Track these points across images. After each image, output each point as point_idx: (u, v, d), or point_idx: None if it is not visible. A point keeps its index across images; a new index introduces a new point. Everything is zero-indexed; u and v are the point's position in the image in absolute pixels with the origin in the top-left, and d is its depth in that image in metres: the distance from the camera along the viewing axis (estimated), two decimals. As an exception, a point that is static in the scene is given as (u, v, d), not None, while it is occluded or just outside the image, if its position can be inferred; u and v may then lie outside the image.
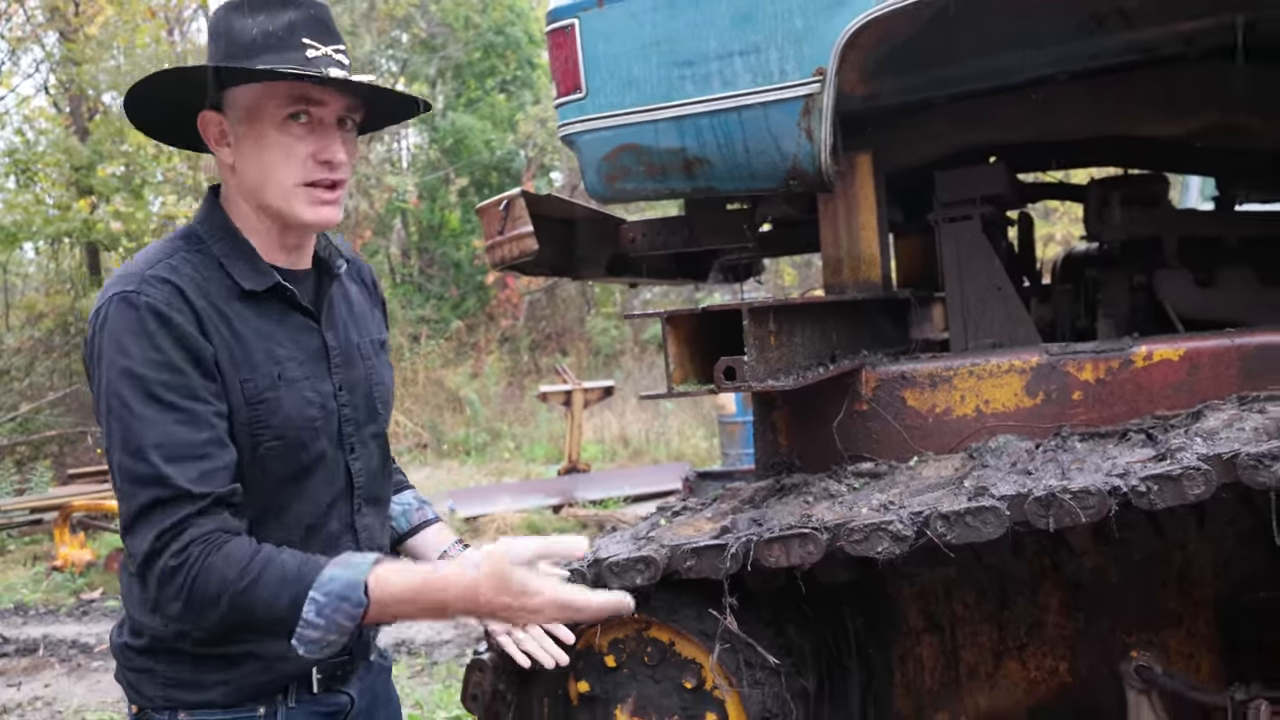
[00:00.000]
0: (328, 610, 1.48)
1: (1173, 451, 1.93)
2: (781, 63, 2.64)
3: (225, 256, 1.67)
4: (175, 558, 1.50)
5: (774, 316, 2.28)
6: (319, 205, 1.67)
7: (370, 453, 1.83)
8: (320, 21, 1.67)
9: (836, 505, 2.18)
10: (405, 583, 1.51)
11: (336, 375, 1.76)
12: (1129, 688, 2.19)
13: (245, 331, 1.64)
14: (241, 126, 1.65)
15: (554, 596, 1.53)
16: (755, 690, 2.24)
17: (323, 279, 1.81)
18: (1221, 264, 3.11)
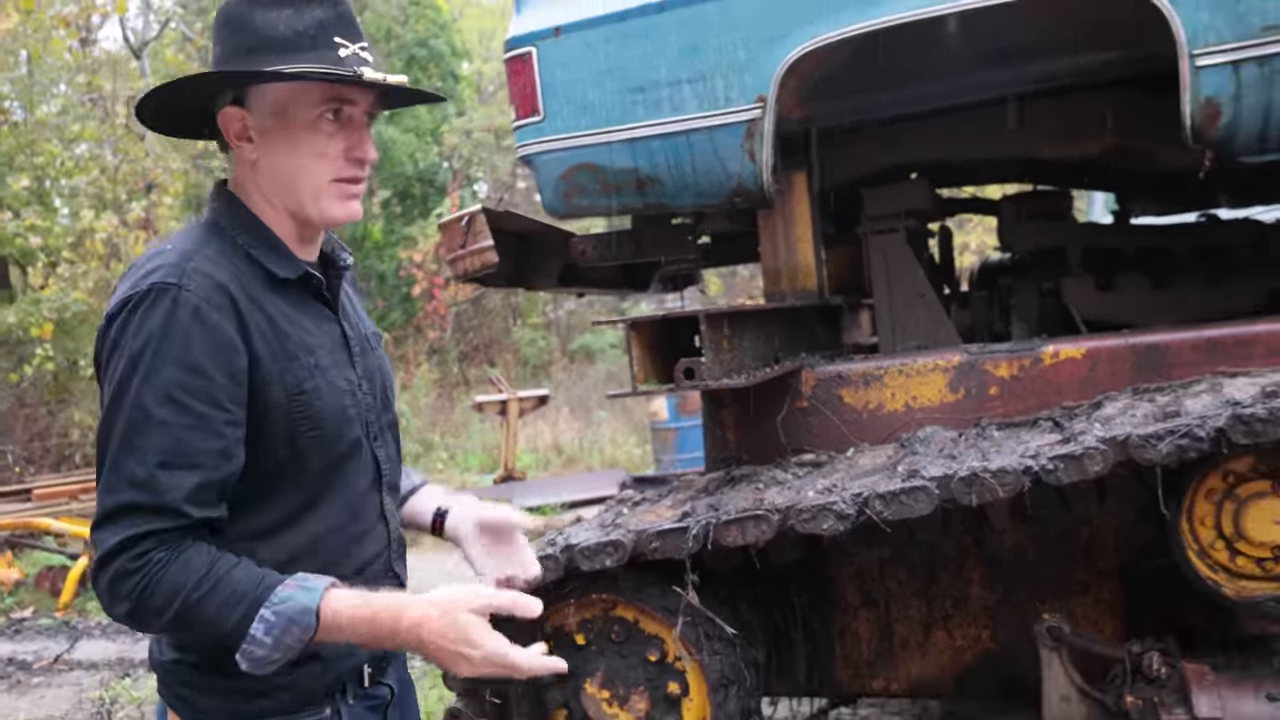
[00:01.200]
0: (276, 630, 1.46)
1: (1076, 435, 2.22)
2: (726, 90, 2.90)
3: (252, 247, 1.63)
4: (133, 561, 1.46)
5: (727, 322, 2.52)
6: (348, 201, 1.66)
7: (388, 441, 1.79)
8: (348, 19, 1.64)
9: (785, 490, 2.44)
10: (355, 612, 1.50)
11: (357, 365, 1.73)
12: (1041, 646, 2.47)
13: (281, 321, 1.60)
14: (270, 122, 1.61)
15: (493, 650, 1.50)
16: (714, 660, 2.48)
17: (329, 272, 1.76)
18: (1120, 271, 3.44)
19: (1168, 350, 2.66)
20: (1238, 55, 2.51)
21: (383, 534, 1.74)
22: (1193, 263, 3.40)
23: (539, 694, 2.69)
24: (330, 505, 1.65)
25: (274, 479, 1.59)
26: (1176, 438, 2.06)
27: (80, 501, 9.20)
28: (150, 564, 1.44)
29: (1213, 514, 2.27)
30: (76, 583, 7.85)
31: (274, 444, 1.57)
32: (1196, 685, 2.23)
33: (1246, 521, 2.22)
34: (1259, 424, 2.02)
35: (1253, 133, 2.58)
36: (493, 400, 9.09)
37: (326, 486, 1.65)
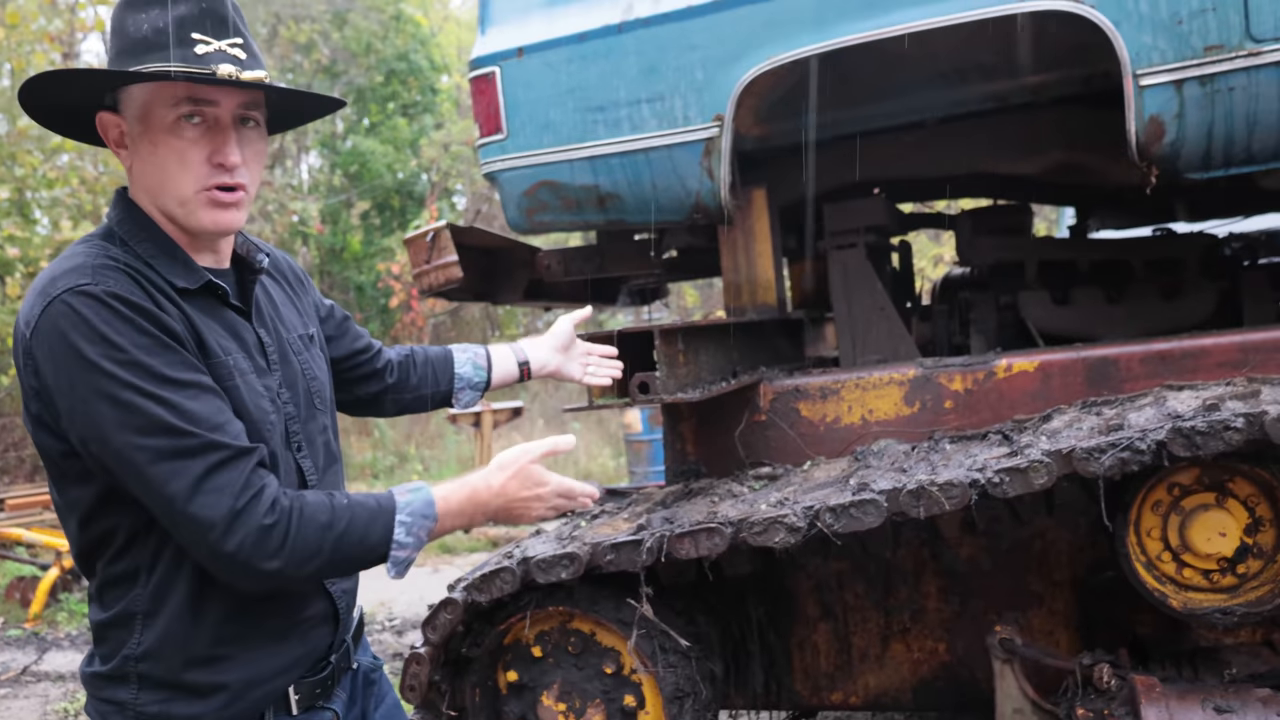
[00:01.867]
0: (415, 529, 1.62)
1: (1022, 448, 2.25)
2: (685, 109, 2.94)
3: (152, 256, 1.57)
4: (268, 515, 1.47)
5: (681, 337, 2.55)
6: (217, 209, 1.58)
7: (317, 449, 1.75)
8: (213, 14, 1.56)
9: (739, 503, 2.46)
10: (458, 495, 1.69)
11: (275, 372, 1.68)
12: (994, 658, 2.50)
13: (196, 323, 1.56)
14: (137, 128, 1.56)
15: (558, 483, 1.80)
16: (669, 672, 2.50)
17: (245, 276, 1.72)
18: (1075, 285, 3.49)
19: (1118, 363, 2.71)
20: (1180, 75, 2.56)
21: None
22: (1147, 276, 3.45)
23: (496, 707, 2.71)
24: None
25: None
26: (1118, 451, 2.09)
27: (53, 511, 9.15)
28: (284, 514, 1.49)
29: (1159, 526, 2.30)
30: (47, 593, 7.80)
31: None
32: (1145, 698, 2.26)
33: (1191, 533, 2.26)
34: (1198, 437, 2.06)
35: (1196, 150, 2.63)
36: (466, 412, 9.09)
37: None
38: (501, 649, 2.69)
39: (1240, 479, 2.25)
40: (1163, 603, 2.28)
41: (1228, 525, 2.23)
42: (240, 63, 1.55)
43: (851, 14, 2.75)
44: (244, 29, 1.61)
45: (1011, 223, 3.80)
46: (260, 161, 1.67)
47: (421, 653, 2.64)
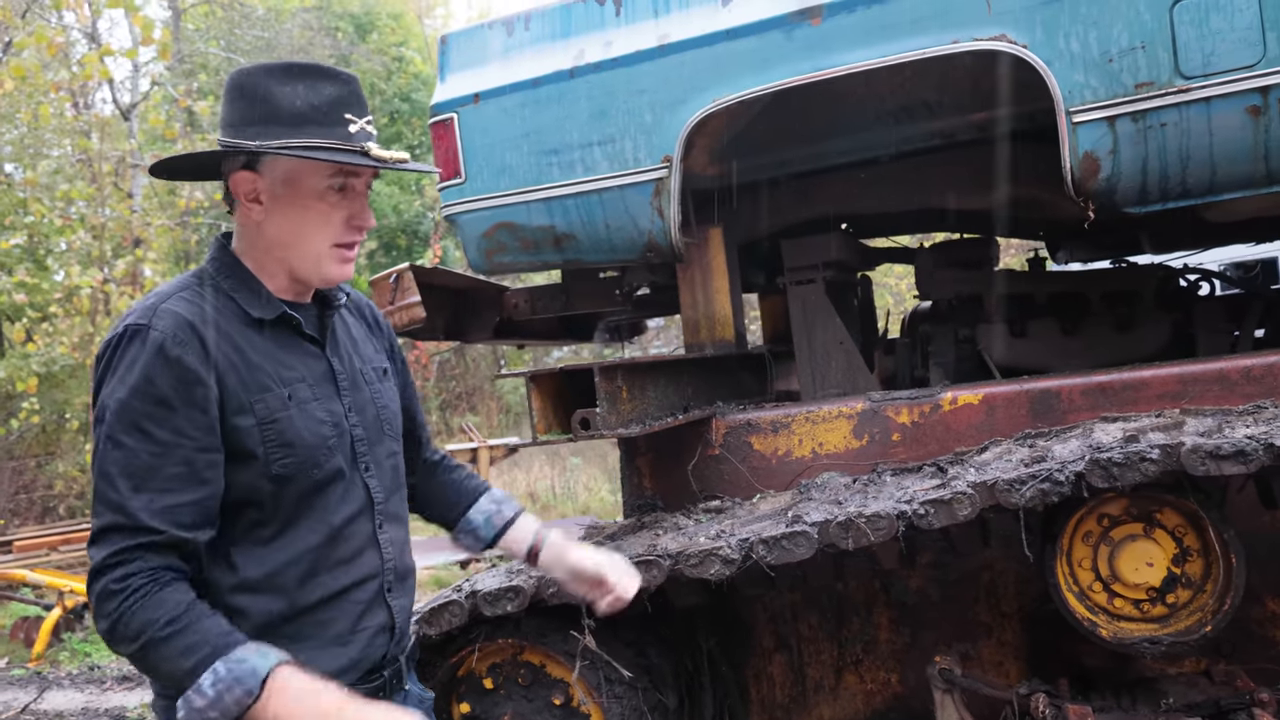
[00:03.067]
0: (221, 686, 1.50)
1: (950, 480, 2.30)
2: (635, 151, 3.01)
3: (234, 291, 1.74)
4: (116, 583, 1.54)
5: (623, 374, 2.61)
6: (344, 264, 1.77)
7: (384, 471, 1.86)
8: (357, 95, 1.76)
9: (680, 536, 2.50)
10: (302, 692, 1.54)
11: (345, 398, 1.81)
12: (935, 688, 2.53)
13: (255, 356, 1.70)
14: (280, 190, 1.72)
15: None
16: (615, 703, 2.54)
17: (324, 311, 1.86)
18: (1033, 317, 3.54)
19: (1060, 395, 2.75)
20: (1113, 111, 2.62)
21: (373, 561, 1.79)
22: (1104, 308, 3.50)
23: (449, 740, 2.74)
24: (306, 530, 1.71)
25: (252, 501, 1.66)
26: (1038, 482, 2.13)
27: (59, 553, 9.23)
28: (129, 589, 1.53)
29: (1090, 557, 2.33)
30: (50, 633, 7.87)
31: (251, 468, 1.65)
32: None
33: (1120, 564, 2.29)
34: (1115, 468, 2.10)
35: (1132, 185, 2.69)
36: (463, 449, 9.16)
37: (304, 511, 1.71)
38: (455, 681, 2.73)
39: (1168, 509, 2.28)
40: (1092, 632, 2.30)
41: (1155, 555, 2.27)
42: (374, 138, 1.74)
43: (793, 56, 2.82)
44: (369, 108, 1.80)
45: (974, 256, 3.84)
46: None
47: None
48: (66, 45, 12.77)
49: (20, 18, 11.82)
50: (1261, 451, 2.01)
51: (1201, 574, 2.26)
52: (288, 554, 1.69)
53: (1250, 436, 2.03)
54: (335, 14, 16.74)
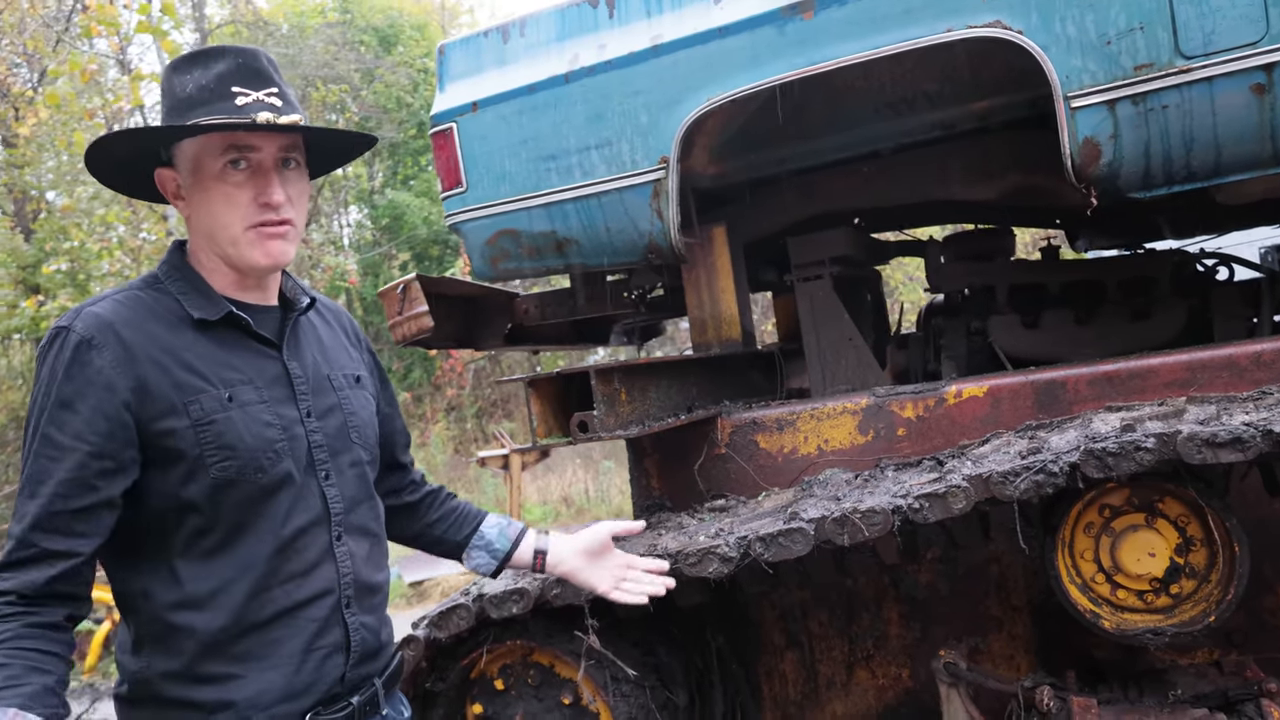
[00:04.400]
0: None
1: (945, 474, 2.28)
2: (632, 153, 3.02)
3: (182, 294, 1.71)
4: None
5: (621, 376, 2.62)
6: (267, 243, 1.70)
7: (347, 481, 1.80)
8: (250, 68, 1.69)
9: (680, 535, 2.51)
10: None
11: (304, 402, 1.76)
12: (940, 682, 2.51)
13: (190, 357, 1.66)
14: (189, 179, 1.70)
15: None
16: (622, 702, 2.54)
17: (287, 314, 1.82)
18: (1046, 308, 3.49)
19: (1066, 385, 2.72)
20: (1112, 95, 2.59)
21: (329, 575, 1.73)
22: (1119, 296, 3.45)
23: (462, 742, 2.76)
24: (254, 540, 1.66)
25: (192, 508, 1.62)
26: (1032, 474, 2.11)
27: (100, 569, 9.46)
28: None
29: (1092, 548, 2.31)
30: (100, 646, 8.05)
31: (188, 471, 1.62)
32: (1079, 719, 2.26)
33: (1122, 554, 2.26)
34: (1110, 458, 2.07)
35: (1135, 170, 2.65)
36: (495, 455, 9.18)
37: (251, 519, 1.66)
38: (467, 683, 2.75)
39: (1170, 499, 2.25)
40: (1095, 624, 2.28)
41: (1157, 545, 2.24)
42: (277, 109, 1.68)
43: (786, 52, 2.81)
44: (279, 80, 1.74)
45: (986, 247, 3.81)
46: (304, 200, 1.79)
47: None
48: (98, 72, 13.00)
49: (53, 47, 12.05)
50: (1259, 438, 1.98)
51: (1206, 563, 2.22)
52: (235, 567, 1.64)
53: (1248, 423, 2.00)
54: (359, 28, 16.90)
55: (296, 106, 1.74)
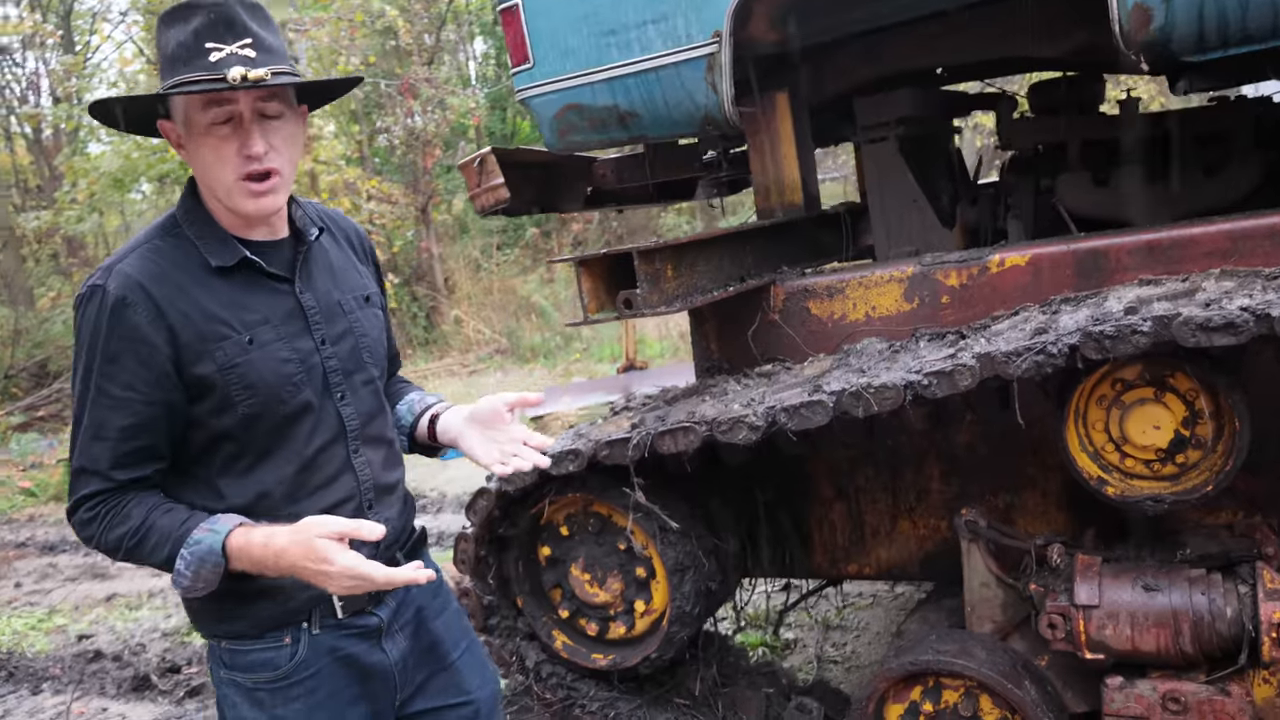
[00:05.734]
0: (194, 566, 1.73)
1: (958, 352, 2.41)
2: (686, 27, 3.09)
3: (199, 238, 1.81)
4: (88, 512, 1.79)
5: (666, 255, 2.79)
6: (256, 197, 1.78)
7: (362, 398, 1.95)
8: (223, 20, 1.72)
9: (717, 403, 2.72)
10: (251, 547, 1.73)
11: (318, 331, 1.89)
12: (961, 538, 2.70)
13: (215, 305, 1.79)
14: (184, 132, 1.79)
15: (345, 565, 1.70)
16: (669, 549, 2.83)
17: (298, 245, 1.92)
18: (1118, 165, 3.46)
19: (1107, 255, 2.76)
20: (1161, -42, 2.53)
21: (349, 484, 1.93)
22: (1194, 150, 3.38)
23: (536, 577, 3.12)
24: (281, 460, 1.85)
25: (227, 437, 1.82)
26: (1033, 354, 2.23)
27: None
28: (98, 517, 1.78)
29: (1103, 419, 2.42)
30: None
31: (220, 409, 1.80)
32: (1080, 575, 2.42)
33: (1129, 427, 2.37)
34: (1108, 341, 2.16)
35: (1188, 34, 2.60)
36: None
37: (276, 443, 1.85)
38: (538, 529, 3.09)
39: (1181, 374, 2.33)
40: (1099, 491, 2.41)
41: (1162, 419, 2.33)
42: (250, 61, 1.71)
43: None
44: (254, 26, 1.76)
45: (1073, 97, 3.74)
46: (293, 142, 1.85)
47: (468, 533, 3.07)
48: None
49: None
50: (1253, 323, 2.04)
51: (1213, 435, 2.31)
52: (265, 482, 1.84)
53: (1245, 307, 2.06)
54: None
55: (273, 53, 1.77)
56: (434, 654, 2.10)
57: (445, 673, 2.11)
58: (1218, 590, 2.33)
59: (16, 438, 11.55)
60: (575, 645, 3.05)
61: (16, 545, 7.57)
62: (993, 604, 2.71)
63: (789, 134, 3.45)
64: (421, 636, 2.08)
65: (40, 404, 13.06)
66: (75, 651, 4.94)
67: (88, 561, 6.82)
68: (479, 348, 13.86)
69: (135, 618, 5.56)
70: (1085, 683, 2.58)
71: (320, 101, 2.04)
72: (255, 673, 1.89)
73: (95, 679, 4.48)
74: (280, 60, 1.78)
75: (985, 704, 2.59)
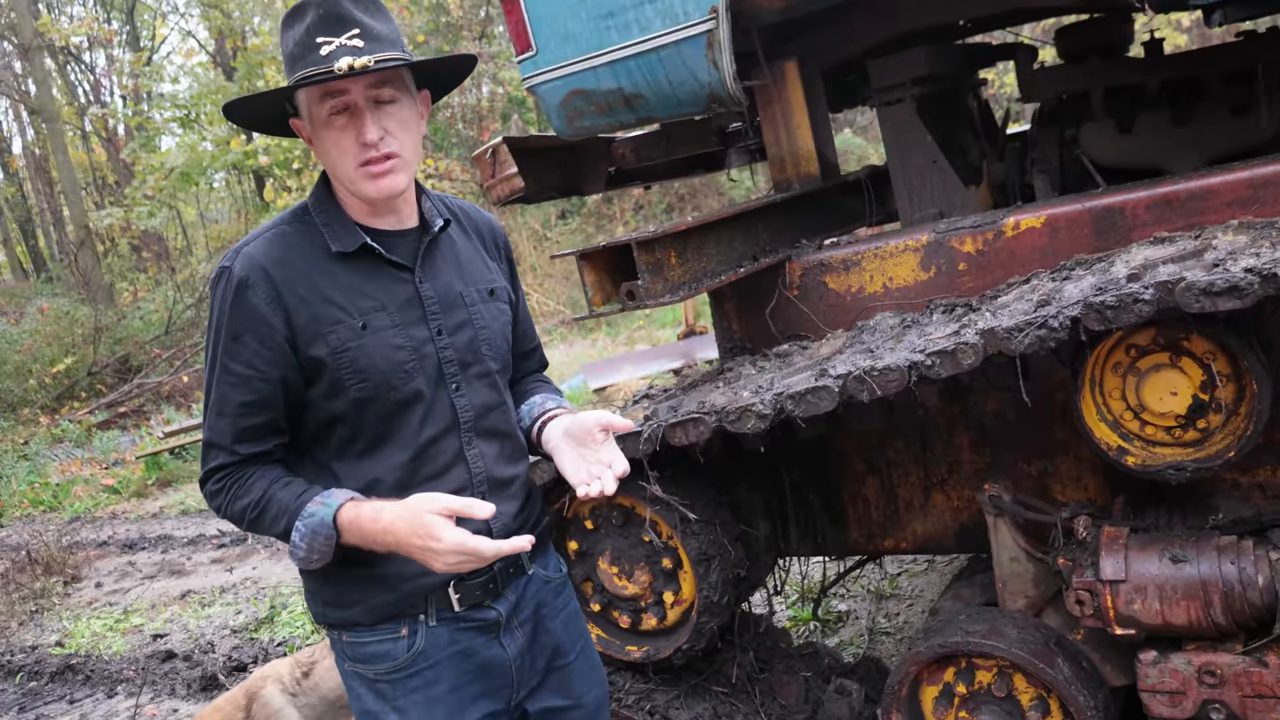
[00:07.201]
0: (308, 538, 1.82)
1: (961, 328, 2.34)
2: (683, 5, 3.02)
3: (325, 225, 1.91)
4: (216, 484, 1.90)
5: (667, 243, 2.75)
6: (376, 180, 1.85)
7: (477, 390, 2.00)
8: (332, 16, 1.80)
9: (728, 390, 2.68)
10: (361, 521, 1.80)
11: (434, 321, 1.95)
12: (987, 513, 2.64)
13: (333, 290, 1.87)
14: (310, 126, 1.89)
15: (454, 540, 1.74)
16: (691, 539, 2.82)
17: (424, 235, 1.99)
18: (1142, 110, 3.32)
19: (1124, 212, 2.65)
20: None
21: (461, 475, 1.99)
22: (1219, 91, 3.22)
23: (568, 570, 3.13)
24: (389, 449, 1.93)
25: (340, 419, 1.90)
26: (1035, 329, 2.15)
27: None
28: (225, 488, 1.89)
29: (1120, 387, 2.34)
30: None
31: (333, 391, 1.88)
32: (1105, 549, 2.35)
33: (1145, 394, 2.28)
34: (1110, 311, 2.08)
35: (1198, -25, 2.48)
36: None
37: (389, 430, 1.92)
38: (564, 522, 3.10)
39: (1196, 336, 2.24)
40: (1119, 461, 2.33)
41: (1179, 385, 2.25)
42: (357, 50, 1.79)
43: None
44: (363, 17, 1.83)
45: (1098, 39, 3.59)
46: (411, 127, 1.92)
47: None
48: None
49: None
50: (1258, 284, 1.94)
51: (1234, 397, 2.22)
52: (379, 468, 1.91)
53: (1250, 269, 1.96)
54: None
55: (382, 41, 1.83)
56: (551, 653, 2.15)
57: (559, 673, 2.16)
58: (1248, 558, 2.24)
59: (99, 435, 11.98)
60: (609, 638, 3.06)
61: (99, 544, 7.89)
62: (1024, 579, 2.66)
63: (800, 103, 3.37)
64: (540, 635, 2.13)
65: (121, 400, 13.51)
66: (149, 652, 5.13)
67: (165, 559, 7.08)
68: (545, 319, 13.94)
69: (207, 614, 5.76)
70: (1123, 656, 2.52)
71: (441, 86, 2.08)
72: (375, 664, 1.97)
73: (167, 680, 4.66)
74: (390, 47, 1.84)
75: (1020, 683, 2.54)
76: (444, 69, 2.05)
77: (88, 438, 12.09)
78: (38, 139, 20.65)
